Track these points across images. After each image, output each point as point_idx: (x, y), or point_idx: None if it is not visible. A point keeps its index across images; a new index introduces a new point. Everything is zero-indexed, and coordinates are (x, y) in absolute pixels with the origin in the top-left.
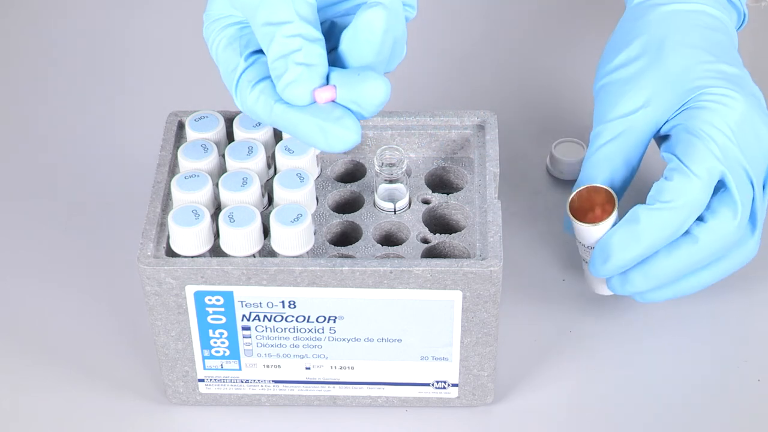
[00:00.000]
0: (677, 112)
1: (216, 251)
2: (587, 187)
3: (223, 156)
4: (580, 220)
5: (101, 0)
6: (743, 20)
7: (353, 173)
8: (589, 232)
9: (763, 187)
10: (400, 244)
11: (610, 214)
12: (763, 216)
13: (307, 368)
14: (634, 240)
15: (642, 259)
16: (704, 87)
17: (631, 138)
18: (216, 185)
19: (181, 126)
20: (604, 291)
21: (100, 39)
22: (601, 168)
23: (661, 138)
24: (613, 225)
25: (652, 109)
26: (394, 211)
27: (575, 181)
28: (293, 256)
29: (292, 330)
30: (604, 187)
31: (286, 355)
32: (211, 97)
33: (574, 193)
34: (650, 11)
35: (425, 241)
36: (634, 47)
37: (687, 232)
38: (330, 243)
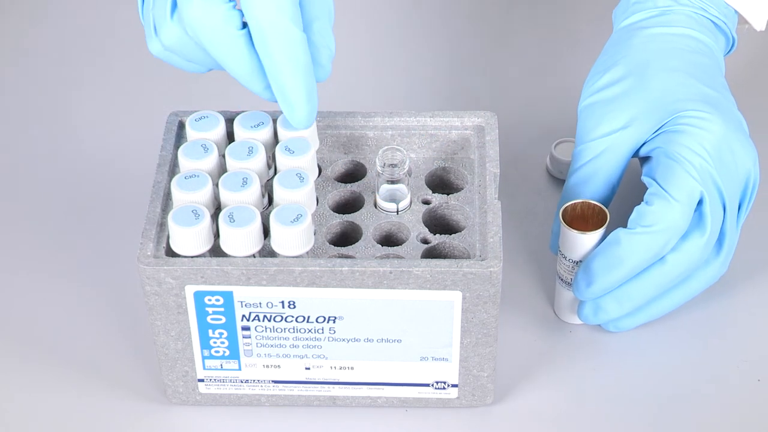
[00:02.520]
0: (656, 134)
1: (216, 251)
2: (581, 202)
3: (224, 156)
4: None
5: None
6: (732, 45)
7: (353, 173)
8: (580, 241)
9: (738, 209)
10: (400, 245)
11: (600, 227)
12: (734, 238)
13: (306, 368)
14: (616, 263)
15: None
16: (683, 110)
17: (612, 157)
18: (216, 185)
19: (181, 126)
20: (574, 320)
21: (100, 38)
22: (583, 186)
23: (641, 159)
24: (599, 241)
25: (633, 129)
26: (396, 212)
27: None
28: (293, 257)
29: (291, 330)
30: (597, 203)
31: (286, 356)
32: (212, 97)
33: (567, 204)
34: (636, 34)
35: (425, 241)
36: (619, 69)
37: None
38: (330, 243)
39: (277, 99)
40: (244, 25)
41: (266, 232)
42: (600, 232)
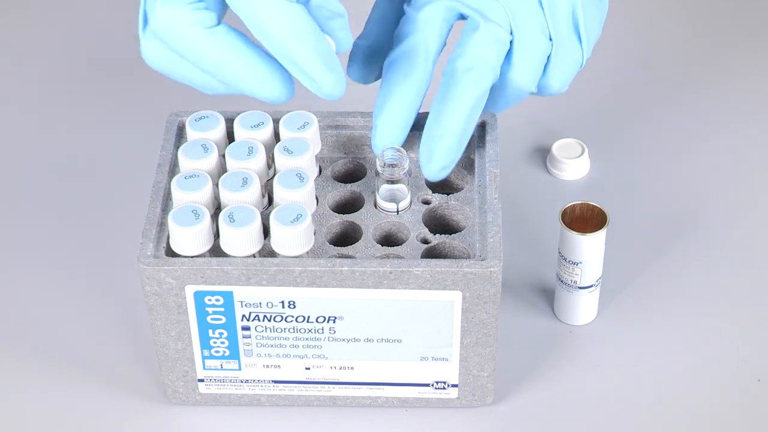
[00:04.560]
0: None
1: (216, 251)
2: (580, 204)
3: (224, 156)
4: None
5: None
6: None
7: (353, 173)
8: (580, 243)
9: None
10: (400, 245)
11: (599, 228)
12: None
13: (306, 368)
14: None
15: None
16: None
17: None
18: (216, 185)
19: (181, 126)
20: (574, 320)
21: (101, 38)
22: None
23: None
24: (600, 243)
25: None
26: (397, 212)
27: (575, 181)
28: (293, 257)
29: (291, 330)
30: (596, 205)
31: (286, 356)
32: (212, 97)
33: (567, 205)
34: None
35: (425, 241)
36: None
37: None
38: (330, 243)
39: (299, 79)
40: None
41: (267, 232)
42: (600, 233)
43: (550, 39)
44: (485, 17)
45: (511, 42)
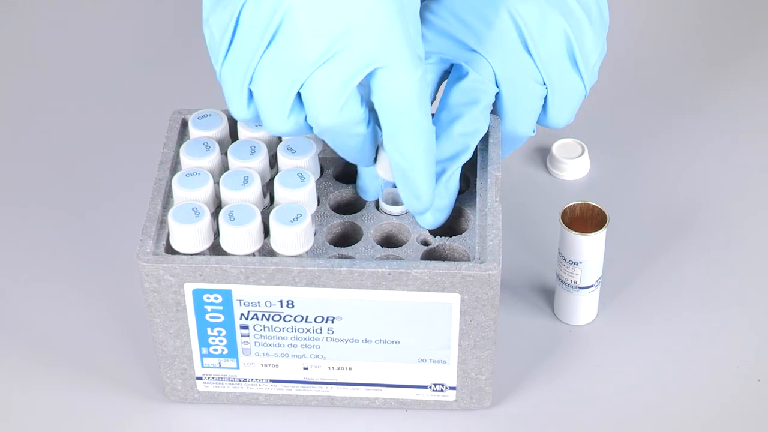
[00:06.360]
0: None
1: (216, 249)
2: (580, 204)
3: (226, 154)
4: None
5: None
6: None
7: (355, 174)
8: (580, 243)
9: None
10: (401, 246)
11: (599, 228)
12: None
13: (304, 368)
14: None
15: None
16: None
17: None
18: (217, 183)
19: (184, 124)
20: (574, 320)
21: (104, 36)
22: None
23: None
24: (600, 243)
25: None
26: (397, 214)
27: (575, 181)
28: (292, 256)
29: (290, 330)
30: (596, 205)
31: (284, 355)
32: (215, 95)
33: (567, 206)
34: None
35: (425, 243)
36: None
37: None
38: (330, 243)
39: (401, 186)
40: (368, 121)
41: (268, 232)
42: (600, 233)
43: (544, 83)
44: (470, 69)
45: (499, 94)
